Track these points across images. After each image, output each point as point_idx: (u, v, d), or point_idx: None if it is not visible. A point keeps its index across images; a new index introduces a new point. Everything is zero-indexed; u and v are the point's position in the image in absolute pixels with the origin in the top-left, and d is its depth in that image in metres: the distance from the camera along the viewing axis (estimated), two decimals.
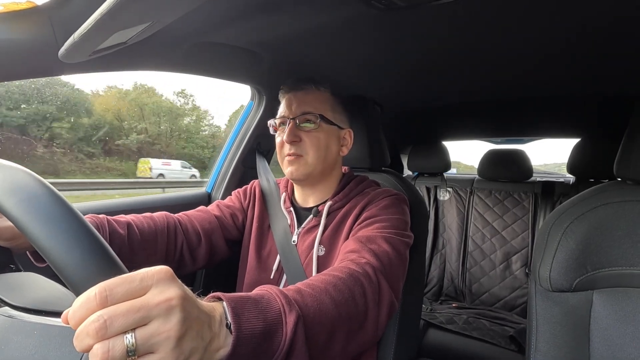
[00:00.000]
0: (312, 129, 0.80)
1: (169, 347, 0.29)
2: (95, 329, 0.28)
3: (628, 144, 0.65)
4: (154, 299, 0.30)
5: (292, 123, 0.79)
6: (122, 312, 0.28)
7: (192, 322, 0.31)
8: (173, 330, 0.30)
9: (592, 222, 0.63)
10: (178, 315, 0.30)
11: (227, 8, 0.73)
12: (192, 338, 0.31)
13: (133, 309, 0.29)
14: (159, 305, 0.30)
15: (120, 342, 0.28)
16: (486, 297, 1.71)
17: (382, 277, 0.60)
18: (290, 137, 0.78)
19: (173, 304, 0.30)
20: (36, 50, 0.64)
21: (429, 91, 1.47)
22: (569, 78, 1.18)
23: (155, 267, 0.32)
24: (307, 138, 0.79)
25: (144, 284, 0.30)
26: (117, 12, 0.45)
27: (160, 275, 0.31)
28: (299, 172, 0.80)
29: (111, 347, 0.28)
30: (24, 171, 0.35)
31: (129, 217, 0.73)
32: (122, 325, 0.28)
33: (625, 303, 0.59)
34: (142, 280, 0.30)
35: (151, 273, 0.31)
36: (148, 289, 0.30)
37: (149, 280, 0.31)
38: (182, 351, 0.30)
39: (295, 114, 0.80)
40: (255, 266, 0.84)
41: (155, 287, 0.31)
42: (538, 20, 0.78)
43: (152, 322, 0.29)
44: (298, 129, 0.80)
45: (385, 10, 0.72)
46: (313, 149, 0.79)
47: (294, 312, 0.42)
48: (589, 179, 1.65)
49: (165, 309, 0.30)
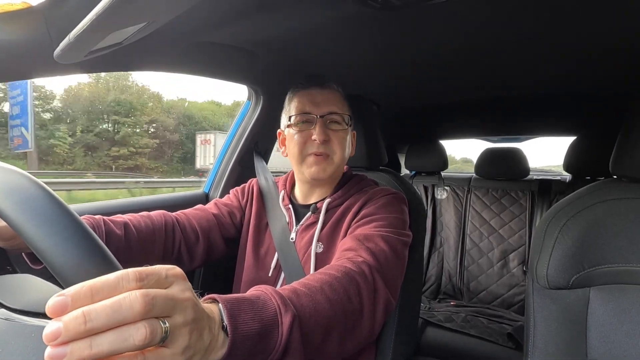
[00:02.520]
0: (339, 129, 0.80)
1: (183, 344, 0.30)
2: (143, 303, 0.26)
3: (623, 141, 0.65)
4: (179, 295, 0.30)
5: (322, 121, 0.78)
6: (163, 297, 0.28)
7: (197, 324, 0.32)
8: (187, 329, 0.30)
9: (588, 219, 0.63)
10: (191, 316, 0.31)
11: (223, 8, 0.73)
12: (196, 339, 0.31)
13: (168, 296, 0.29)
14: (184, 302, 0.30)
15: (159, 326, 0.27)
16: (484, 295, 1.72)
17: (378, 276, 0.60)
18: (323, 135, 0.77)
19: (190, 304, 0.31)
20: (31, 51, 0.64)
21: (425, 90, 1.47)
22: (564, 77, 1.19)
23: (173, 267, 0.32)
24: (334, 138, 0.79)
25: (169, 279, 0.31)
26: (112, 13, 0.45)
27: (178, 274, 0.32)
28: (326, 172, 0.79)
29: (155, 328, 0.27)
30: (19, 173, 0.34)
31: (126, 217, 0.73)
32: (162, 309, 0.28)
33: (622, 300, 0.60)
34: (167, 275, 0.31)
35: (172, 271, 0.31)
36: (171, 285, 0.31)
37: (172, 277, 0.31)
38: (190, 350, 0.30)
39: (323, 112, 0.79)
40: (253, 264, 0.84)
41: (176, 284, 0.31)
42: (533, 19, 0.78)
43: (175, 315, 0.29)
44: (327, 127, 0.79)
45: (381, 9, 0.72)
46: (340, 149, 0.80)
47: (290, 312, 0.43)
48: (585, 176, 1.66)
49: (185, 307, 0.30)
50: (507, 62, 1.07)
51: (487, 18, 0.79)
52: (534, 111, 1.68)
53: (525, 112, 1.71)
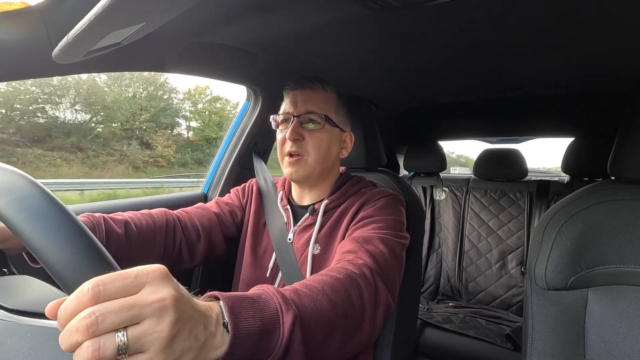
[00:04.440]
0: (316, 129, 0.80)
1: (159, 347, 0.29)
2: (86, 325, 0.27)
3: (621, 143, 0.65)
4: (148, 298, 0.29)
5: (296, 121, 0.79)
6: (115, 309, 0.28)
7: (186, 322, 0.31)
8: (165, 330, 0.29)
9: (586, 220, 0.63)
10: (171, 316, 0.30)
11: (223, 8, 0.73)
12: (184, 338, 0.31)
13: (126, 306, 0.28)
14: (152, 305, 0.29)
15: (112, 340, 0.27)
16: (482, 296, 1.72)
17: (379, 278, 0.60)
18: (293, 134, 0.78)
19: (166, 304, 0.30)
20: (30, 51, 0.64)
21: (424, 91, 1.47)
22: (562, 77, 1.19)
23: (151, 266, 0.31)
24: (309, 138, 0.79)
25: (138, 281, 0.30)
26: (111, 13, 0.45)
27: (155, 274, 0.31)
28: (298, 173, 0.79)
29: (102, 344, 0.27)
30: (15, 172, 0.34)
31: (126, 215, 0.73)
32: (114, 322, 0.28)
33: (620, 301, 0.60)
34: (136, 277, 0.30)
35: (146, 271, 0.30)
36: (142, 287, 0.30)
37: (143, 278, 0.30)
38: (172, 351, 0.30)
39: (300, 112, 0.80)
40: (250, 264, 0.84)
41: (150, 285, 0.30)
42: (532, 20, 0.78)
43: (144, 321, 0.29)
44: (301, 127, 0.79)
45: (380, 10, 0.72)
46: (314, 150, 0.79)
47: (291, 312, 0.42)
48: (583, 178, 1.66)
49: (158, 309, 0.29)
50: (506, 63, 1.08)
51: (485, 20, 0.79)
52: (532, 112, 1.69)
53: (524, 113, 1.72)
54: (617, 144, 0.66)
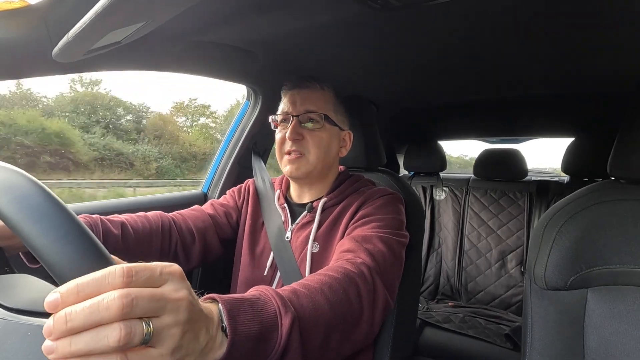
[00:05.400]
0: (315, 128, 0.80)
1: (172, 344, 0.29)
2: (121, 305, 0.26)
3: (621, 143, 0.65)
4: (171, 295, 0.30)
5: (296, 120, 0.79)
6: (147, 297, 0.28)
7: (193, 324, 0.31)
8: (179, 329, 0.29)
9: (586, 220, 0.63)
10: (185, 316, 0.30)
11: (222, 7, 0.73)
12: (189, 340, 0.31)
13: (155, 297, 0.28)
14: (173, 302, 0.29)
15: (141, 327, 0.27)
16: (482, 295, 1.72)
17: (378, 277, 0.60)
18: (293, 134, 0.78)
19: (183, 304, 0.30)
20: (30, 50, 0.63)
21: (424, 91, 1.47)
22: (563, 77, 1.19)
23: (171, 264, 0.32)
24: (309, 137, 0.79)
25: (163, 276, 0.30)
26: (111, 12, 0.45)
27: (176, 273, 0.31)
28: (299, 171, 0.80)
29: (133, 329, 0.26)
30: (15, 170, 0.34)
31: (123, 217, 0.73)
32: (144, 309, 0.27)
33: (619, 301, 0.60)
34: (161, 272, 0.30)
35: (168, 269, 0.31)
36: (164, 283, 0.30)
37: (167, 275, 0.30)
38: (180, 351, 0.30)
39: (299, 112, 0.80)
40: (248, 264, 0.84)
41: (171, 283, 0.30)
42: (532, 20, 0.78)
43: (164, 315, 0.29)
44: (301, 127, 0.80)
45: (381, 10, 0.72)
46: (315, 148, 0.79)
47: (290, 314, 0.43)
48: (583, 178, 1.66)
49: (177, 307, 0.30)
50: (506, 63, 1.08)
51: (485, 20, 0.79)
52: (532, 112, 1.69)
53: (524, 113, 1.72)
54: (617, 144, 0.66)
